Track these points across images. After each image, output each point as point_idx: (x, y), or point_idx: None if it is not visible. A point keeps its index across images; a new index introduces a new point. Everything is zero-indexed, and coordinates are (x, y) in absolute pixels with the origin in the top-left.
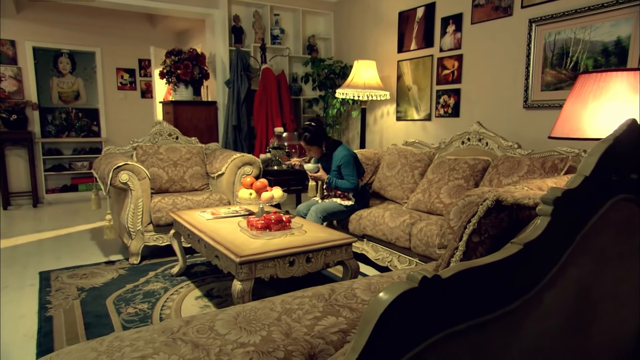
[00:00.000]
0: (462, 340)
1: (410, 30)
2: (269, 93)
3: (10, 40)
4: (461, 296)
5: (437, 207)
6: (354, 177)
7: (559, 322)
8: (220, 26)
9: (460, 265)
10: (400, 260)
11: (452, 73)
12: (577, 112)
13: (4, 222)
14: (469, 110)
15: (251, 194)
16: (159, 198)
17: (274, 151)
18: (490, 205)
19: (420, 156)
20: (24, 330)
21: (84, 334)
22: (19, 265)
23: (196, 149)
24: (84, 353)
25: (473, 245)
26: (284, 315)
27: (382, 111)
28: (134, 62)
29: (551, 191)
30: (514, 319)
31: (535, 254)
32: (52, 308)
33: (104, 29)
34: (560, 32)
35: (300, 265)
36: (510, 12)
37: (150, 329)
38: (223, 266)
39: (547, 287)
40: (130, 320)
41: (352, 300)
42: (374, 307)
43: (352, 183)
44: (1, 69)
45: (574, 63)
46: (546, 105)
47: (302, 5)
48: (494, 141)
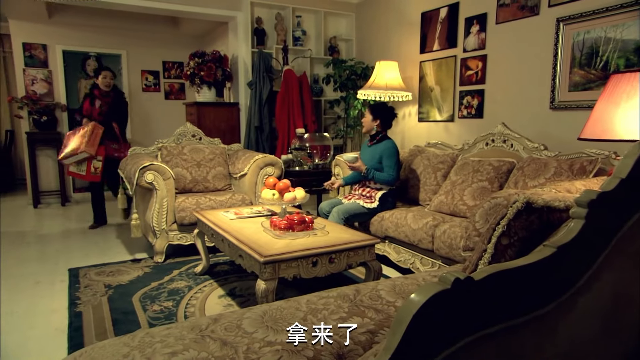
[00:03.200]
0: (494, 343)
1: (433, 30)
2: (290, 94)
3: (42, 44)
4: (493, 298)
5: (460, 209)
6: (394, 170)
7: (594, 326)
8: (242, 28)
9: (493, 267)
10: (423, 263)
11: (476, 74)
12: (609, 113)
13: (35, 220)
14: (493, 111)
15: (274, 195)
16: (183, 198)
17: (296, 152)
18: (520, 207)
19: (443, 157)
20: (55, 324)
21: (112, 330)
22: (49, 262)
23: (219, 149)
24: (117, 348)
25: (502, 248)
26: (309, 315)
27: (404, 112)
28: (158, 64)
29: (585, 194)
30: (547, 322)
31: (569, 257)
32: (82, 304)
33: (130, 32)
34: (589, 31)
35: (323, 265)
36: (537, 12)
37: (180, 326)
38: (247, 266)
39: (582, 291)
40: (156, 317)
41: (377, 301)
42: (407, 308)
43: (390, 175)
44: (33, 71)
45: (604, 63)
46: (574, 106)
47: (324, 6)
48: (519, 142)
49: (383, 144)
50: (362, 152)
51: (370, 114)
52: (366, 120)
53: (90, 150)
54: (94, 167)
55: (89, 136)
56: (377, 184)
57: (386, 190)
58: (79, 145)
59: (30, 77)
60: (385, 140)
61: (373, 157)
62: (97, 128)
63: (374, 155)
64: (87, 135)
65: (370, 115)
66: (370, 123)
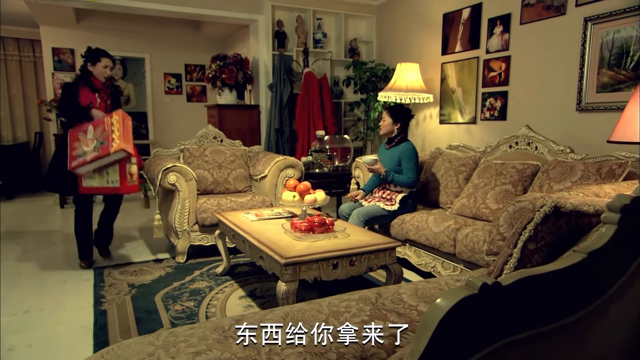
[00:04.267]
0: (521, 350)
1: (455, 31)
2: (311, 96)
3: (70, 49)
4: (521, 305)
5: (482, 213)
6: (413, 173)
7: (627, 335)
8: (263, 31)
9: (521, 272)
10: (444, 266)
11: (499, 75)
12: None
13: (61, 221)
14: (517, 113)
15: (294, 197)
16: (204, 199)
17: (316, 154)
18: (547, 212)
19: (465, 160)
20: (81, 322)
21: (135, 328)
22: (75, 262)
23: (240, 151)
24: (142, 346)
25: (528, 253)
26: (331, 317)
27: (425, 114)
28: (180, 67)
29: (618, 198)
30: (577, 330)
31: (600, 263)
32: (106, 302)
33: (153, 36)
34: (619, 30)
35: (344, 268)
36: (564, 11)
37: (203, 326)
38: (267, 267)
39: (614, 299)
40: (178, 317)
41: (399, 305)
42: (433, 313)
43: (410, 178)
44: (62, 75)
45: (636, 63)
46: (602, 107)
47: (345, 9)
48: (544, 145)
49: (402, 146)
50: (380, 154)
51: (390, 117)
52: (386, 124)
53: (128, 148)
54: (129, 173)
55: (120, 129)
56: (397, 186)
57: (406, 193)
58: (107, 142)
59: (59, 81)
60: (404, 142)
61: (392, 159)
62: (127, 118)
63: (393, 157)
64: (117, 127)
65: (391, 119)
66: (390, 126)
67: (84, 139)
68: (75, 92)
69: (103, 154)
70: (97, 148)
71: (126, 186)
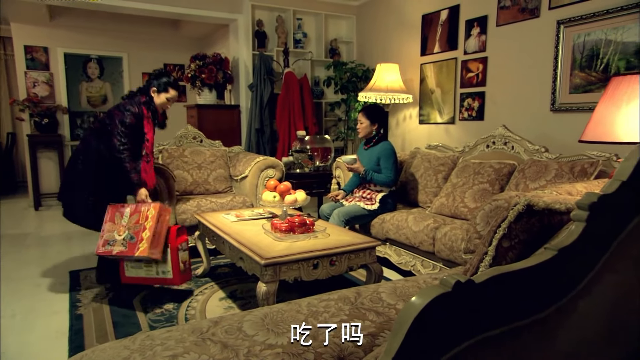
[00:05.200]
0: (495, 346)
1: (434, 33)
2: (291, 96)
3: (43, 47)
4: (494, 301)
5: (461, 212)
6: (392, 172)
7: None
8: (243, 31)
9: (494, 270)
10: (424, 265)
11: (477, 76)
12: (609, 115)
13: (36, 223)
14: (494, 113)
15: (275, 197)
16: (184, 200)
17: (297, 154)
18: (521, 210)
19: (444, 160)
20: (56, 327)
21: (113, 333)
22: (50, 265)
23: (220, 152)
24: (117, 351)
25: (503, 250)
26: (310, 317)
27: (405, 114)
28: (159, 67)
29: (587, 196)
30: (548, 326)
31: (570, 260)
32: (82, 306)
33: (131, 35)
34: (590, 33)
35: (324, 268)
36: (538, 14)
37: (180, 329)
38: (248, 268)
39: (582, 294)
40: (157, 319)
41: (378, 304)
42: (408, 311)
43: (388, 177)
44: (35, 74)
45: (605, 65)
46: (574, 108)
47: (325, 9)
48: (520, 145)
49: (380, 146)
50: (359, 155)
51: (367, 119)
52: (364, 126)
53: (155, 253)
54: (181, 261)
55: (152, 228)
56: (377, 186)
57: (386, 192)
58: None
59: (32, 80)
60: (383, 142)
61: (370, 159)
62: (165, 212)
63: (372, 157)
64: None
65: (368, 120)
66: (369, 127)
67: (118, 222)
68: (136, 122)
69: (128, 253)
70: (125, 242)
71: (179, 276)
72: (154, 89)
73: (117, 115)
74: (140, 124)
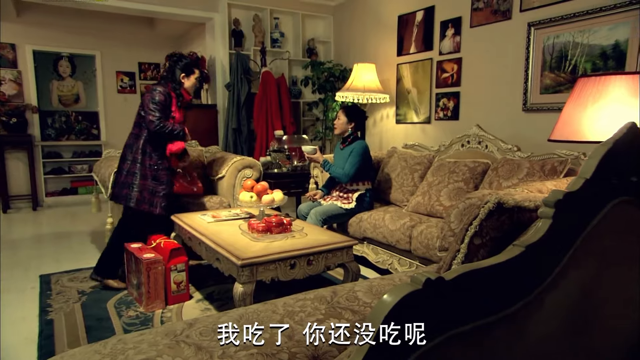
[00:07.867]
0: (466, 342)
1: (410, 33)
2: (269, 96)
3: (10, 44)
4: (464, 298)
5: (437, 210)
6: (351, 167)
7: (562, 324)
8: (220, 30)
9: (463, 267)
10: (401, 263)
11: (452, 76)
12: (576, 115)
13: (4, 226)
14: (469, 113)
15: (252, 197)
16: None
17: (274, 154)
18: (491, 208)
19: (420, 159)
20: (25, 333)
21: (85, 337)
22: (19, 269)
23: (196, 152)
24: (87, 356)
25: (474, 248)
26: (286, 317)
27: (382, 114)
28: (134, 66)
29: (552, 194)
30: (517, 321)
31: (537, 256)
32: (53, 311)
33: (104, 33)
34: (559, 35)
35: (301, 267)
36: (509, 16)
37: (154, 332)
38: (224, 269)
39: (549, 289)
40: (131, 323)
41: (354, 302)
42: (379, 309)
43: (344, 171)
44: (1, 72)
45: (573, 66)
46: (545, 108)
47: (302, 9)
48: (494, 144)
49: (353, 145)
50: (336, 155)
51: (345, 116)
52: (341, 122)
53: (155, 308)
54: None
55: (147, 286)
56: (354, 184)
57: (363, 191)
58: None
59: None
60: (357, 141)
61: (345, 158)
62: (156, 264)
63: (346, 156)
64: (143, 282)
65: (345, 118)
66: (345, 125)
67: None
68: (163, 103)
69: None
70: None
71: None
72: (182, 75)
73: (147, 97)
74: (168, 101)
